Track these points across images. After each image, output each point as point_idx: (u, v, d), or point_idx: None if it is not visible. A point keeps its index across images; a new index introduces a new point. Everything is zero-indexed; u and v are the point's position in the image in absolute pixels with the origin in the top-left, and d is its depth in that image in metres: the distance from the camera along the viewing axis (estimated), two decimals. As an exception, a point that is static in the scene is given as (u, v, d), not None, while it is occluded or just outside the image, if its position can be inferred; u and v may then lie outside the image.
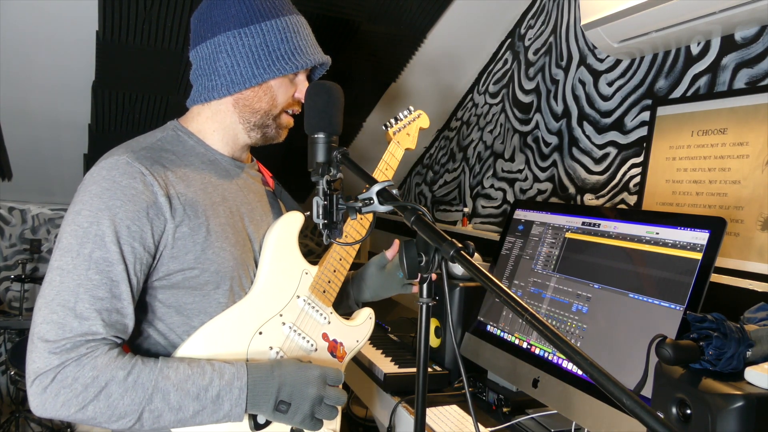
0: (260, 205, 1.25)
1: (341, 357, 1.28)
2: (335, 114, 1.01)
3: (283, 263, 1.22)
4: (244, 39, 1.11)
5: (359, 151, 3.18)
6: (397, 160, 1.49)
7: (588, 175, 2.05)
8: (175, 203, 1.05)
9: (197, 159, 1.16)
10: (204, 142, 1.18)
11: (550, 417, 1.51)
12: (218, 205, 1.13)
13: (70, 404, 0.92)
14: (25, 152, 2.83)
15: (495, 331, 1.63)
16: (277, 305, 1.19)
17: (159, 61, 2.30)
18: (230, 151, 1.22)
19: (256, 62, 1.12)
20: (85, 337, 0.94)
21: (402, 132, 1.51)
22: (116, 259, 0.98)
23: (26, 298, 3.36)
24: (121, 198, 1.00)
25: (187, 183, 1.10)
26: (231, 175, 1.20)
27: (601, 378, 0.55)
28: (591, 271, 1.39)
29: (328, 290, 1.27)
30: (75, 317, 0.94)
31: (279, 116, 1.20)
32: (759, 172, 1.47)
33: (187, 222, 1.06)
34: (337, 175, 0.99)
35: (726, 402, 0.87)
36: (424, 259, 0.82)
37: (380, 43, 2.46)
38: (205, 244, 1.08)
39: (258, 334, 1.14)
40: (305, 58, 1.15)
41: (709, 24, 1.53)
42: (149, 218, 1.02)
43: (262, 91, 1.16)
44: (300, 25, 1.17)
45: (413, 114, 1.55)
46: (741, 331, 0.97)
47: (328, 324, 1.26)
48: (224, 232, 1.12)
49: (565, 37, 2.21)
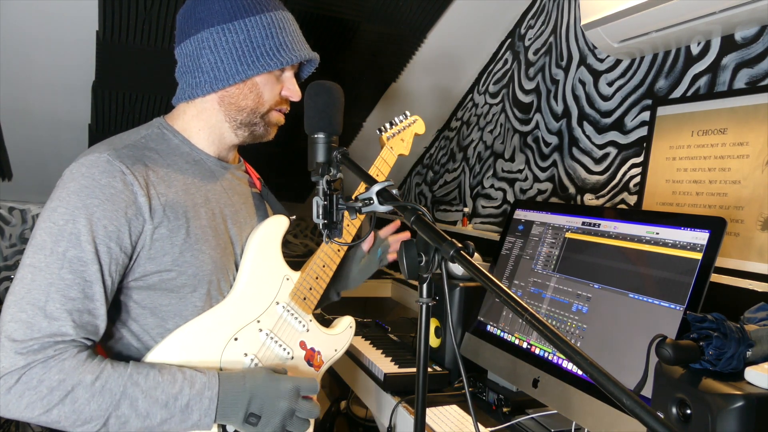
0: (245, 207, 1.23)
1: (318, 366, 1.25)
2: (335, 114, 1.01)
3: (264, 268, 1.19)
4: (227, 35, 1.10)
5: (359, 151, 3.18)
6: (389, 165, 1.47)
7: (588, 175, 2.05)
8: (155, 204, 1.03)
9: (181, 158, 1.14)
10: (189, 141, 1.17)
11: (550, 417, 1.51)
12: (200, 207, 1.11)
13: (34, 407, 0.89)
14: (25, 152, 2.83)
15: (495, 331, 1.63)
16: (254, 311, 1.16)
17: (159, 61, 2.30)
18: (216, 151, 1.20)
19: (240, 59, 1.10)
20: (54, 338, 0.92)
21: (396, 138, 1.50)
22: (91, 258, 0.96)
23: (26, 298, 3.36)
24: (100, 197, 0.98)
25: (169, 183, 1.08)
26: (215, 175, 1.18)
27: (601, 378, 0.55)
28: (591, 271, 1.39)
29: (308, 297, 1.25)
30: (44, 317, 0.91)
31: (267, 114, 1.19)
32: (759, 172, 1.47)
33: (166, 223, 1.04)
34: (337, 175, 0.99)
35: (726, 402, 0.87)
36: (424, 259, 0.82)
37: (380, 43, 2.46)
38: (184, 246, 1.06)
39: (233, 340, 1.12)
40: (290, 54, 1.13)
41: (709, 24, 1.53)
42: (127, 218, 0.99)
43: (247, 89, 1.14)
44: (285, 21, 1.15)
45: (409, 119, 1.54)
46: (741, 331, 0.97)
47: (306, 332, 1.24)
48: (204, 235, 1.10)
49: (565, 37, 2.21)
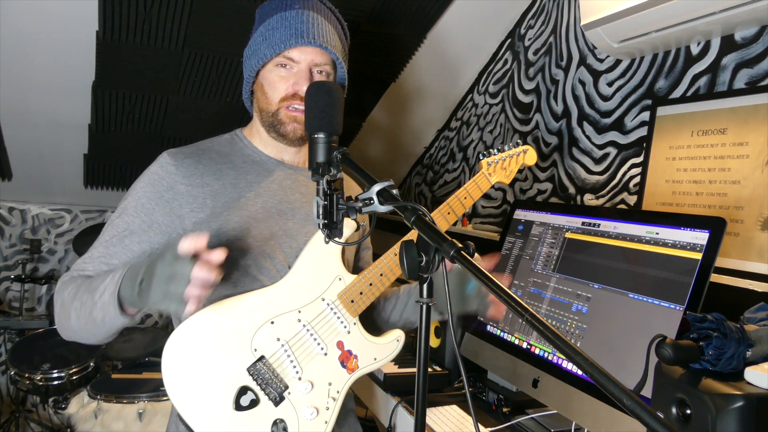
0: (306, 206, 1.28)
1: (351, 369, 1.25)
2: (335, 114, 1.01)
3: (319, 264, 1.24)
4: (247, 50, 1.24)
5: (359, 151, 3.18)
6: (481, 192, 1.43)
7: (588, 175, 2.05)
8: (197, 191, 1.18)
9: (240, 159, 1.26)
10: (253, 146, 1.29)
11: (550, 417, 1.51)
12: (247, 199, 1.21)
13: (55, 305, 1.19)
14: (25, 152, 2.83)
15: (495, 331, 1.63)
16: (298, 301, 1.20)
17: (159, 61, 2.30)
18: (274, 153, 1.29)
19: (247, 65, 1.23)
20: (81, 273, 1.18)
21: (497, 165, 1.46)
22: (124, 227, 1.18)
23: (26, 298, 3.36)
24: (146, 181, 1.19)
25: (218, 176, 1.21)
26: (273, 175, 1.27)
27: (601, 378, 0.55)
28: (591, 271, 1.39)
29: (357, 301, 1.26)
30: (84, 260, 1.19)
31: (278, 112, 1.21)
32: (759, 172, 1.47)
33: (206, 210, 1.18)
34: (337, 175, 0.98)
35: (726, 402, 0.87)
36: (424, 259, 0.82)
37: (380, 43, 2.46)
38: (219, 230, 1.17)
39: (270, 323, 1.17)
40: (271, 49, 1.17)
41: (709, 24, 1.53)
42: (164, 200, 1.17)
43: (259, 91, 1.24)
44: (284, 19, 1.19)
45: (519, 148, 1.48)
46: (741, 331, 0.97)
47: (347, 333, 1.24)
48: (245, 224, 1.19)
49: (565, 37, 2.21)
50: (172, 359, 1.10)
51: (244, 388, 1.12)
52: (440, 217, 1.37)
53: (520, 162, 1.51)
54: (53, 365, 2.76)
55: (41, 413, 3.19)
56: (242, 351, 1.13)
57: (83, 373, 2.80)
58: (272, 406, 1.14)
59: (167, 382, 1.09)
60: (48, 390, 2.74)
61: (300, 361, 1.18)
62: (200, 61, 2.33)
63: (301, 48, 1.17)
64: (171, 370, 1.09)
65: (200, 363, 1.11)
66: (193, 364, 1.10)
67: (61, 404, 2.71)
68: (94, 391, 2.53)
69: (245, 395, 1.12)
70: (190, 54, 2.29)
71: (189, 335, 1.12)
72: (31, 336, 3.05)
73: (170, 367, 1.09)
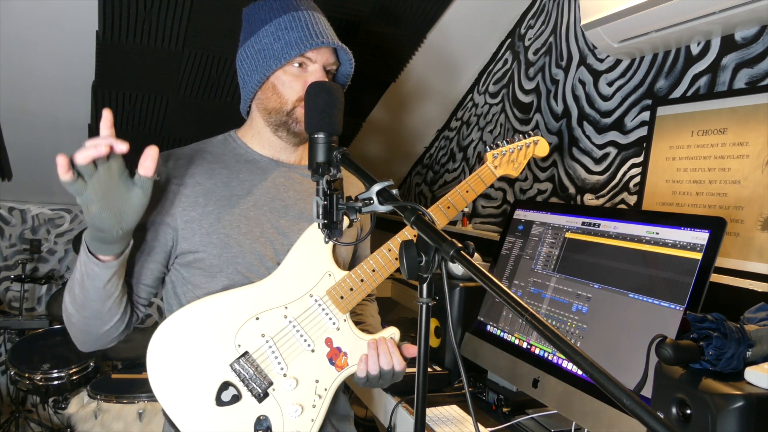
0: (300, 203, 1.28)
1: (340, 367, 1.22)
2: (335, 114, 1.01)
3: (308, 260, 1.22)
4: (248, 50, 1.22)
5: (359, 151, 3.18)
6: (485, 185, 1.40)
7: (588, 175, 2.05)
8: (188, 191, 1.19)
9: (233, 159, 1.27)
10: (247, 146, 1.29)
11: (550, 417, 1.51)
12: (240, 198, 1.22)
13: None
14: (25, 152, 2.83)
15: (495, 331, 1.63)
16: (285, 297, 1.20)
17: (159, 61, 2.30)
18: (271, 153, 1.29)
19: (256, 66, 1.20)
20: None
21: (504, 157, 1.41)
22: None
23: (26, 298, 3.36)
24: None
25: (210, 176, 1.22)
26: (267, 173, 1.27)
27: (601, 378, 0.55)
28: (591, 271, 1.39)
29: (347, 297, 1.24)
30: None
31: (293, 111, 1.21)
32: (759, 172, 1.47)
33: (198, 209, 1.19)
34: (337, 175, 0.98)
35: (726, 402, 0.87)
36: (424, 259, 0.82)
37: (380, 43, 2.46)
38: (211, 229, 1.18)
39: (254, 319, 1.17)
40: (291, 49, 1.17)
41: (709, 24, 1.53)
42: (156, 199, 1.16)
43: (269, 91, 1.22)
44: (297, 19, 1.19)
45: (529, 139, 1.41)
46: (741, 331, 0.97)
47: (336, 330, 1.22)
48: (236, 221, 1.20)
49: (565, 37, 2.21)
50: (156, 354, 1.11)
51: (226, 383, 1.13)
52: (439, 212, 1.35)
53: (530, 153, 1.46)
54: (53, 365, 2.76)
55: (41, 413, 3.19)
56: (226, 347, 1.14)
57: (83, 373, 2.81)
58: (255, 402, 1.14)
59: (151, 377, 1.11)
60: (48, 390, 2.74)
61: (285, 357, 1.17)
62: (200, 61, 2.33)
63: (318, 48, 1.19)
64: (155, 365, 1.11)
65: (184, 358, 1.12)
66: (176, 359, 1.11)
67: (61, 404, 2.72)
68: (94, 391, 2.53)
69: (227, 390, 1.13)
70: (190, 54, 2.29)
71: (173, 331, 1.13)
72: (31, 336, 3.05)
73: (154, 362, 1.11)
